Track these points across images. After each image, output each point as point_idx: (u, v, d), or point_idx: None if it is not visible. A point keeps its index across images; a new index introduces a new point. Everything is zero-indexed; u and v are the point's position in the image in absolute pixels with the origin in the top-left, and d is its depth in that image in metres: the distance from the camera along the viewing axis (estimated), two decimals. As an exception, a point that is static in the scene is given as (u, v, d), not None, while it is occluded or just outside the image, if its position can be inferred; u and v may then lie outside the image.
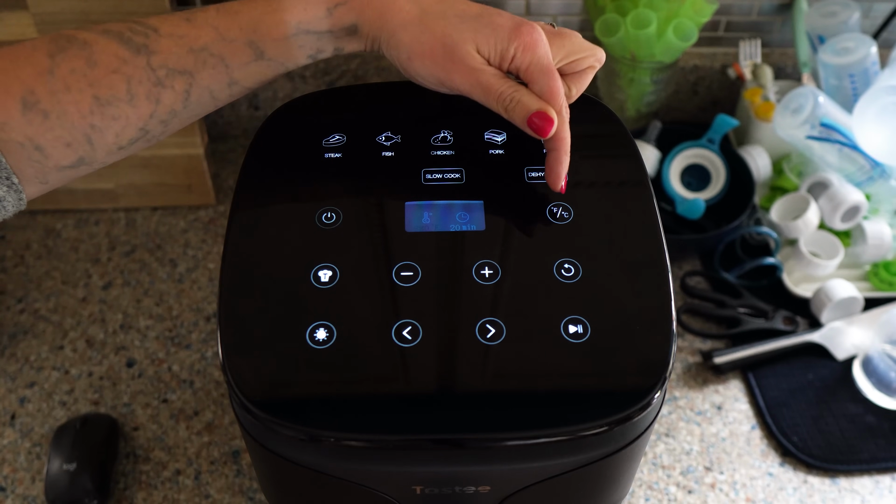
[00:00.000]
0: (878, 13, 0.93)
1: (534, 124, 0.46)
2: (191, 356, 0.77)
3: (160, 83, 0.44)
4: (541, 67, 0.46)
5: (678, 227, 0.87)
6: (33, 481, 0.68)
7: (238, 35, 0.46)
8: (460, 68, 0.46)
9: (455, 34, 0.46)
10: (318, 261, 0.44)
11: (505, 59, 0.46)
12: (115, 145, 0.45)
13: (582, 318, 0.42)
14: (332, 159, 0.50)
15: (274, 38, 0.46)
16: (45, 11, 0.76)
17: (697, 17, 0.82)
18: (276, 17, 0.46)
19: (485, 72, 0.46)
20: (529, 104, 0.46)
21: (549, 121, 0.46)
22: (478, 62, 0.46)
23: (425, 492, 0.45)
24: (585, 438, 0.40)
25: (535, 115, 0.46)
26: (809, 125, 0.79)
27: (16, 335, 0.79)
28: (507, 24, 0.46)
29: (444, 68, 0.46)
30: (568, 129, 0.47)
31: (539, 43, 0.46)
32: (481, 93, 0.46)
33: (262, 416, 0.40)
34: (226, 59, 0.46)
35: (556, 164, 0.47)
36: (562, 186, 0.47)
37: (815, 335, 0.78)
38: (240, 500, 0.67)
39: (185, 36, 0.45)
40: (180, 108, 0.46)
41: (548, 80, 0.46)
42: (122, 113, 0.44)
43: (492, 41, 0.46)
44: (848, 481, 0.69)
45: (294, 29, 0.46)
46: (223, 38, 0.45)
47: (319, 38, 0.47)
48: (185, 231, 0.89)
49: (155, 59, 0.44)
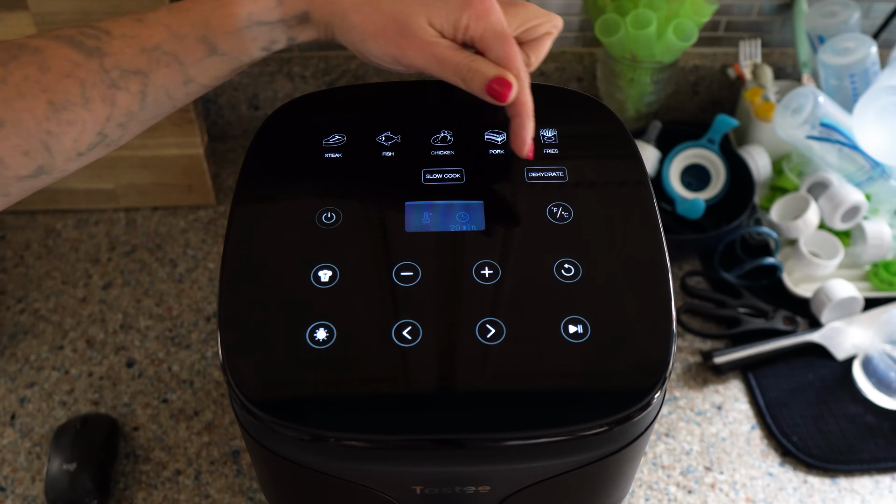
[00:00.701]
0: (878, 13, 0.93)
1: (493, 91, 0.46)
2: (191, 356, 0.77)
3: (114, 85, 0.44)
4: (495, 34, 0.46)
5: (678, 227, 0.87)
6: (33, 481, 0.68)
7: (189, 31, 0.45)
8: (414, 43, 0.46)
9: (406, 10, 0.46)
10: (318, 261, 0.44)
11: (458, 29, 0.46)
12: (73, 151, 0.44)
13: (582, 318, 0.42)
14: (332, 159, 0.50)
15: (226, 32, 0.46)
16: (45, 11, 0.76)
17: (697, 17, 0.82)
18: (227, 11, 0.46)
19: (439, 44, 0.46)
20: (486, 71, 0.45)
21: (508, 85, 0.45)
22: (431, 35, 0.46)
23: (425, 492, 0.45)
24: (585, 438, 0.40)
25: (493, 81, 0.45)
26: (809, 125, 0.79)
27: (16, 335, 0.79)
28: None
29: (397, 45, 0.46)
30: (529, 93, 0.47)
31: (491, 10, 0.46)
32: (437, 66, 0.46)
33: (262, 417, 0.40)
34: (179, 56, 0.45)
35: (519, 129, 0.47)
36: (528, 152, 0.47)
37: (815, 335, 0.78)
38: (240, 500, 0.67)
39: (137, 36, 0.45)
40: (137, 109, 0.46)
41: (503, 46, 0.46)
42: (77, 117, 0.44)
43: (443, 13, 0.46)
44: (848, 481, 0.69)
45: (245, 21, 0.46)
46: (175, 36, 0.45)
47: (272, 29, 0.47)
48: (185, 231, 0.89)
49: (108, 61, 0.44)
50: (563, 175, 0.49)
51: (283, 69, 0.92)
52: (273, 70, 0.92)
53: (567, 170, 0.49)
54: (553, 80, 0.96)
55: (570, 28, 0.94)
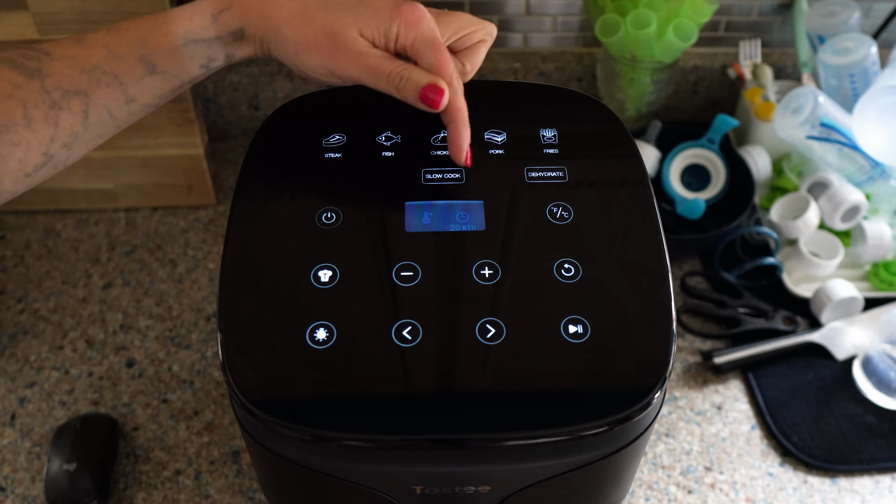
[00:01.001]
0: (878, 13, 0.93)
1: (426, 98, 0.46)
2: (191, 356, 0.77)
3: (56, 105, 0.45)
4: (426, 42, 0.46)
5: (678, 227, 0.87)
6: (33, 481, 0.68)
7: (128, 51, 0.46)
8: (346, 54, 0.46)
9: (337, 22, 0.46)
10: (318, 261, 0.44)
11: (390, 38, 0.47)
12: (20, 172, 0.45)
13: (582, 318, 0.42)
14: (332, 159, 0.50)
15: (164, 51, 0.47)
16: (45, 11, 0.76)
17: (697, 17, 0.82)
18: (164, 30, 0.47)
19: (371, 54, 0.47)
20: (419, 79, 0.46)
21: (440, 92, 0.46)
22: (363, 45, 0.47)
23: (425, 492, 0.45)
24: (585, 438, 0.40)
25: (425, 88, 0.46)
26: (809, 125, 0.79)
27: (16, 335, 0.79)
28: (387, 5, 0.47)
29: (330, 57, 0.47)
30: (463, 100, 0.47)
31: (421, 19, 0.47)
32: (370, 76, 0.47)
33: (262, 417, 0.40)
34: (119, 75, 0.46)
35: (455, 136, 0.47)
36: (466, 160, 0.47)
37: (815, 335, 0.78)
38: (240, 500, 0.67)
39: (77, 57, 0.46)
40: (80, 129, 0.46)
41: (434, 54, 0.46)
42: (21, 138, 0.44)
43: (374, 23, 0.46)
44: (848, 481, 0.69)
45: (182, 39, 0.47)
46: (114, 56, 0.46)
47: (209, 46, 0.48)
48: (185, 231, 0.89)
49: (49, 82, 0.44)
50: (563, 175, 0.49)
51: (283, 69, 0.92)
52: (273, 70, 0.92)
53: (567, 170, 0.49)
54: (553, 80, 0.96)
55: (570, 28, 0.94)
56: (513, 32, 0.94)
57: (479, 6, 0.91)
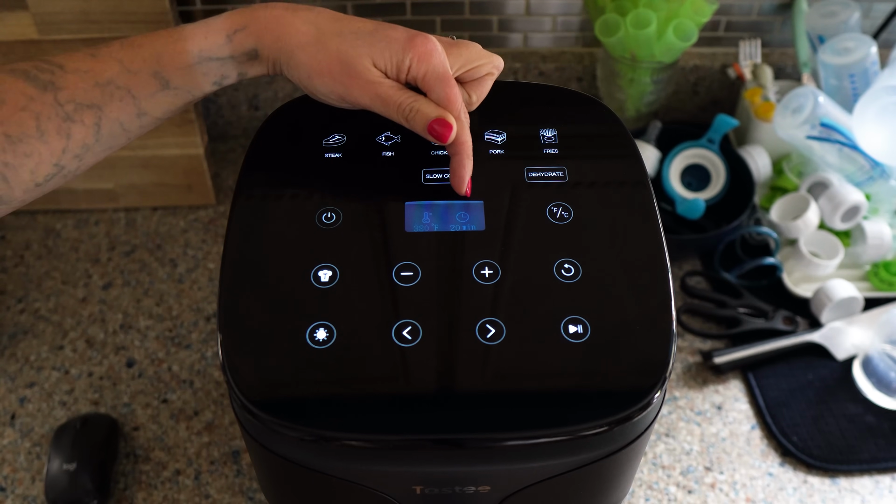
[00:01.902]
0: (878, 13, 0.93)
1: (434, 131, 0.47)
2: (191, 356, 0.77)
3: (69, 118, 0.45)
4: (437, 76, 0.47)
5: (678, 227, 0.87)
6: (33, 481, 0.68)
7: (142, 66, 0.47)
8: (358, 83, 0.47)
9: (351, 50, 0.47)
10: (318, 261, 0.44)
11: (401, 70, 0.48)
12: (31, 182, 0.45)
13: (582, 318, 0.42)
14: (332, 159, 0.50)
15: (178, 67, 0.47)
16: (45, 11, 0.76)
17: (697, 17, 0.82)
18: (179, 47, 0.47)
19: (382, 84, 0.47)
20: (428, 112, 0.47)
21: (448, 127, 0.47)
22: (375, 76, 0.47)
23: (425, 492, 0.45)
24: (585, 438, 0.40)
25: (434, 122, 0.47)
26: (809, 125, 0.79)
27: (16, 335, 0.79)
28: (401, 36, 0.47)
29: (343, 84, 0.47)
30: (468, 133, 0.48)
31: (433, 52, 0.47)
32: (381, 105, 0.48)
33: (262, 417, 0.40)
34: (132, 90, 0.47)
35: (459, 167, 0.48)
36: (466, 190, 0.48)
37: (815, 335, 0.78)
38: (240, 500, 0.67)
39: (91, 70, 0.46)
40: (92, 141, 0.47)
41: (444, 88, 0.47)
42: (34, 150, 0.44)
43: (387, 54, 0.47)
44: (848, 481, 0.69)
45: (196, 57, 0.48)
46: (128, 71, 0.46)
47: (222, 65, 0.48)
48: (185, 231, 0.89)
49: (62, 95, 0.45)
50: (563, 175, 0.49)
51: (283, 69, 0.92)
52: (273, 70, 0.92)
53: (567, 170, 0.49)
54: (553, 80, 0.96)
55: (570, 28, 0.94)
56: (513, 32, 0.94)
57: (479, 6, 0.91)
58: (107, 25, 0.77)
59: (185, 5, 0.88)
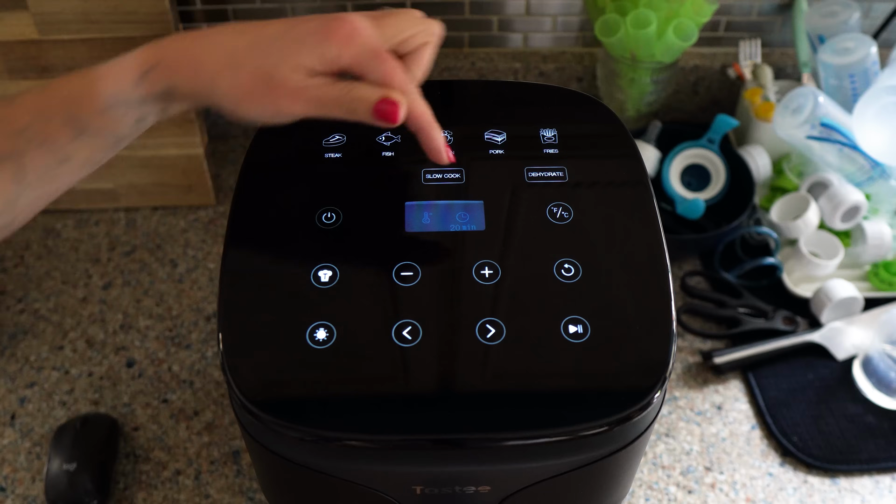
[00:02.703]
0: (878, 13, 0.93)
1: (382, 112, 0.42)
2: (191, 356, 0.77)
3: None
4: (367, 55, 0.43)
5: (678, 227, 0.87)
6: (33, 481, 0.68)
7: (56, 113, 0.44)
8: (284, 93, 0.43)
9: (266, 63, 0.43)
10: (318, 261, 0.44)
11: (331, 62, 0.43)
12: None
13: (582, 318, 0.42)
14: (332, 159, 0.50)
15: (92, 112, 0.44)
16: (45, 11, 0.76)
17: (697, 17, 0.82)
18: (91, 91, 0.44)
19: (308, 87, 0.43)
20: (369, 96, 0.42)
21: (394, 104, 0.42)
22: (298, 80, 0.43)
23: (425, 492, 0.45)
24: (585, 438, 0.40)
25: (378, 103, 0.42)
26: (809, 125, 0.79)
27: (16, 335, 0.79)
28: (315, 27, 0.43)
29: (270, 101, 0.43)
30: (423, 103, 0.44)
31: (355, 33, 0.42)
32: (317, 107, 0.43)
33: (262, 417, 0.40)
34: (49, 137, 0.44)
35: (428, 140, 0.45)
36: (449, 157, 0.45)
37: (815, 335, 0.78)
38: (240, 500, 0.67)
39: (5, 119, 0.44)
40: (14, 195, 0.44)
41: (379, 65, 0.43)
42: None
43: (305, 52, 0.42)
44: (848, 481, 0.69)
45: (110, 101, 0.44)
46: (43, 118, 0.44)
47: (139, 106, 0.45)
48: (185, 231, 0.89)
49: None
50: (563, 175, 0.49)
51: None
52: (273, 70, 0.92)
53: (567, 170, 0.49)
54: (553, 80, 0.96)
55: (570, 28, 0.94)
56: (513, 32, 0.94)
57: (479, 6, 0.91)
58: (107, 25, 0.77)
59: (185, 5, 0.88)
